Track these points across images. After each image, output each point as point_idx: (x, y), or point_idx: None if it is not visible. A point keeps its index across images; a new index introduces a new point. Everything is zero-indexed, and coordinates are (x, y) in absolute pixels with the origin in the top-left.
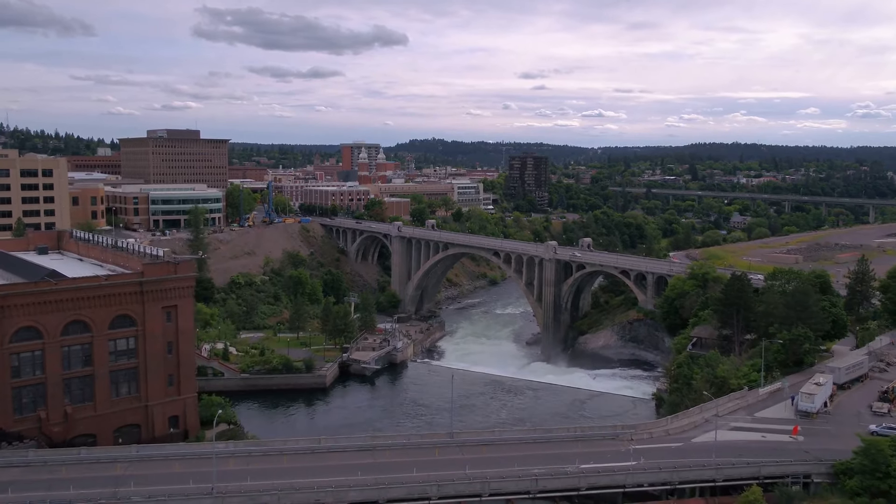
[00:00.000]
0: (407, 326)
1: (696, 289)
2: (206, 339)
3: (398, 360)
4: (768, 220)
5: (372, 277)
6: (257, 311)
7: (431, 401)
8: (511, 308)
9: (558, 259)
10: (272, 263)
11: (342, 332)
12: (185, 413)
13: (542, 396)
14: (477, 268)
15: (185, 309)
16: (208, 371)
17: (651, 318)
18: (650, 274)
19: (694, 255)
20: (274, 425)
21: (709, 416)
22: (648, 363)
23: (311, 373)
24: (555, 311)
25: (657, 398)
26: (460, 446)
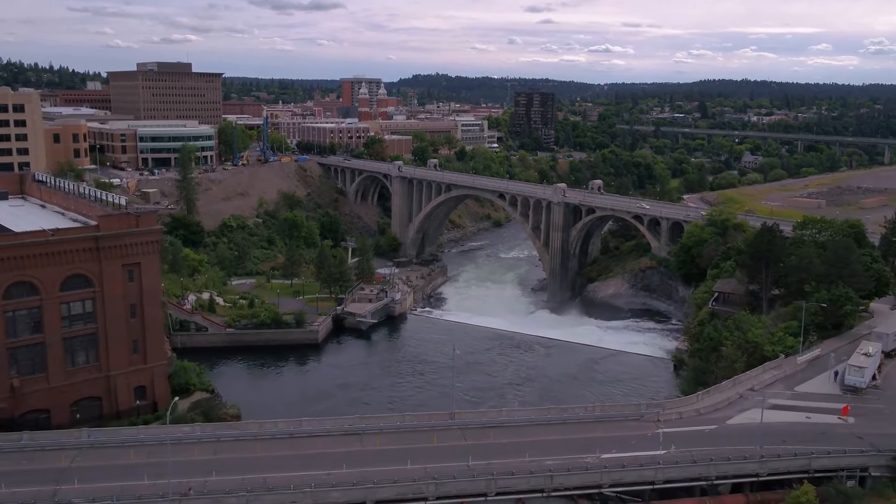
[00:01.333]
0: (407, 271)
1: (714, 237)
2: (192, 288)
3: (396, 312)
4: (780, 160)
5: (372, 219)
6: (250, 256)
7: (432, 357)
8: (516, 252)
9: (567, 202)
10: (266, 205)
11: (337, 280)
12: (153, 383)
13: (552, 354)
14: (481, 209)
15: (149, 267)
16: (191, 326)
17: (665, 266)
18: (665, 219)
19: (709, 199)
20: (259, 389)
21: (743, 391)
22: (661, 314)
23: (302, 328)
24: (562, 257)
25: (676, 360)
26: (462, 429)
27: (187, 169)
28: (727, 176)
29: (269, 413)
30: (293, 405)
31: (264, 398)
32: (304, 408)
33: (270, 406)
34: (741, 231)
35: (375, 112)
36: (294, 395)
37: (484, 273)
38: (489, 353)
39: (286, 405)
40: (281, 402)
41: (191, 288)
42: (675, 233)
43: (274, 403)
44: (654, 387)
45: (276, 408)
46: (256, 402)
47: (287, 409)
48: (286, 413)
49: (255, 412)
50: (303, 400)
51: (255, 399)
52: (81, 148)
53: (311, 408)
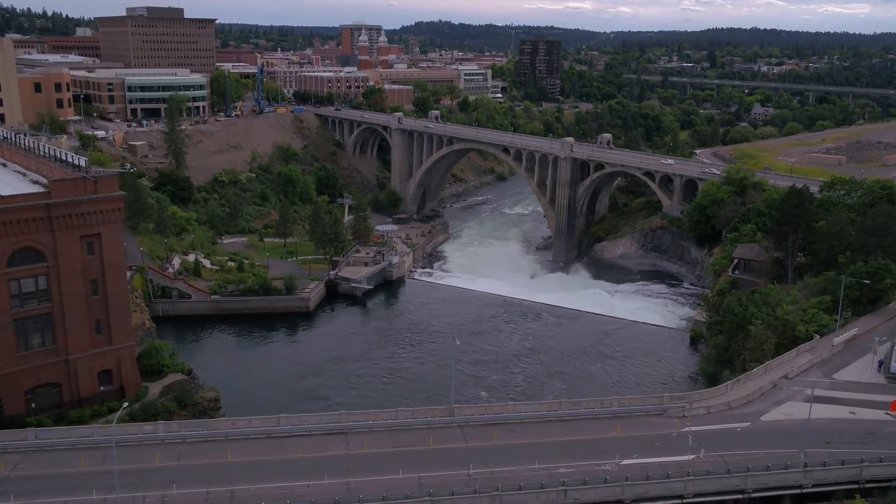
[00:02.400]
0: (407, 228)
1: (731, 196)
2: (178, 249)
3: (394, 276)
4: (792, 112)
5: (371, 173)
6: (242, 213)
7: (432, 325)
8: (520, 207)
9: (575, 158)
10: (260, 158)
11: (332, 241)
12: (119, 366)
13: (561, 323)
14: (484, 162)
15: (111, 238)
16: (173, 293)
17: (677, 226)
18: (678, 177)
19: (723, 154)
20: (244, 364)
21: (777, 379)
22: (672, 276)
23: (292, 295)
24: (569, 214)
25: (695, 334)
26: (462, 427)
27: (175, 121)
28: (741, 130)
29: (252, 395)
30: (280, 383)
31: (248, 376)
32: (291, 386)
33: (254, 386)
34: (760, 190)
35: (375, 60)
36: (281, 371)
37: (487, 230)
38: (493, 322)
39: (272, 384)
40: (266, 379)
41: (177, 249)
42: (689, 191)
43: (258, 382)
44: (670, 363)
45: (260, 388)
46: (239, 380)
47: (272, 389)
48: (271, 394)
49: (236, 394)
50: (291, 376)
51: (238, 377)
52: (64, 98)
53: (300, 385)
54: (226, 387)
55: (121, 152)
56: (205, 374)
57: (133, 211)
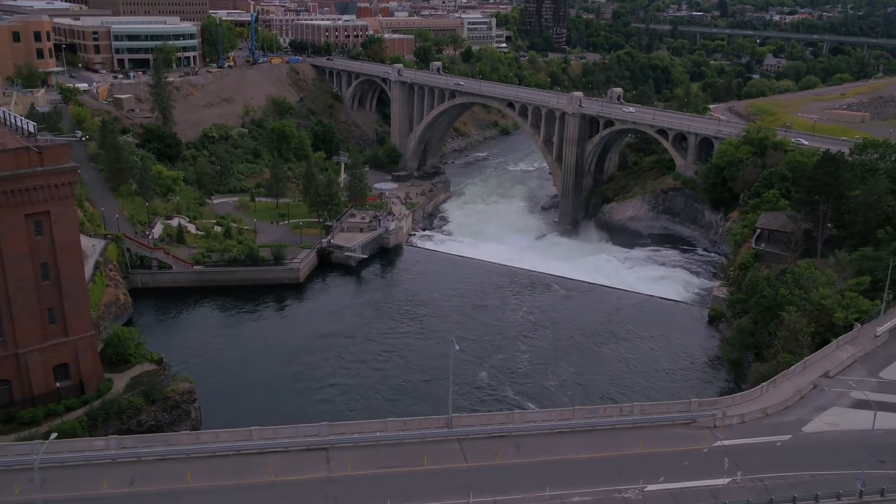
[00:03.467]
0: (407, 186)
1: (751, 157)
2: (162, 211)
3: (391, 244)
4: (805, 63)
5: (370, 127)
6: (233, 172)
7: (431, 298)
8: (524, 164)
9: (583, 114)
10: (253, 112)
11: (326, 204)
12: (77, 359)
13: (569, 296)
14: (487, 115)
15: (63, 216)
16: (152, 263)
17: (690, 187)
18: (692, 135)
19: (738, 109)
20: (225, 344)
21: (817, 379)
22: (685, 240)
23: (281, 265)
24: (576, 173)
25: (715, 313)
26: (461, 442)
27: (161, 73)
28: (757, 83)
29: (232, 382)
30: (265, 366)
31: (230, 358)
32: (278, 369)
33: (236, 370)
34: (782, 151)
35: (376, 7)
36: (268, 352)
37: (490, 188)
38: (497, 294)
39: (256, 367)
40: (250, 362)
41: (161, 212)
42: (704, 150)
43: (241, 365)
44: (687, 345)
45: (242, 373)
46: (220, 364)
47: (257, 373)
48: (255, 380)
49: (215, 382)
50: (278, 357)
51: (219, 359)
52: (45, 48)
53: (288, 368)
54: (204, 372)
55: (105, 106)
56: (182, 356)
57: (114, 172)
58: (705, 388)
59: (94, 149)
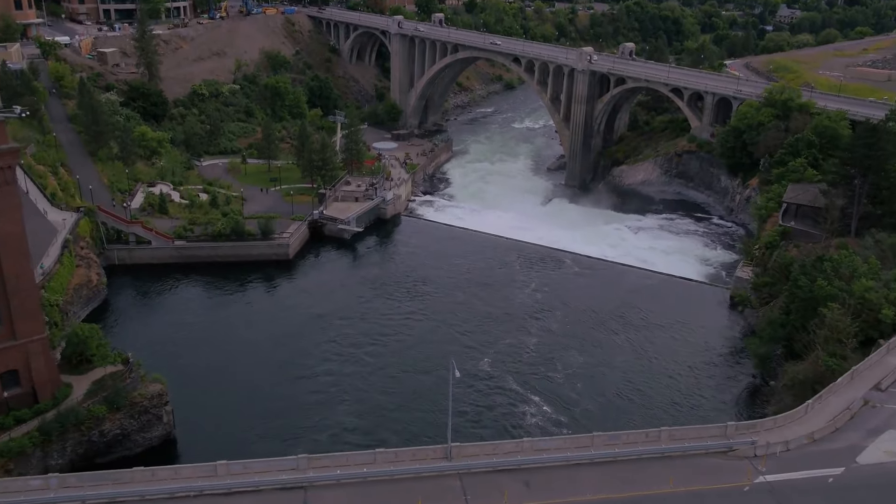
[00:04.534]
0: (407, 146)
1: (773, 120)
2: (144, 177)
3: (388, 215)
4: (821, 14)
5: (369, 83)
6: (223, 131)
7: (432, 275)
8: (529, 121)
9: (593, 71)
10: (246, 67)
11: (320, 169)
12: (28, 364)
13: (581, 274)
14: (492, 69)
15: (4, 205)
16: (129, 238)
17: (706, 151)
18: (710, 94)
19: (756, 66)
20: (204, 330)
21: (868, 392)
22: (699, 206)
23: (269, 240)
24: (585, 133)
25: (740, 298)
26: (462, 477)
27: (146, 25)
28: (775, 38)
29: (212, 378)
30: (249, 354)
31: (211, 345)
32: (263, 356)
33: (217, 361)
34: (807, 114)
35: None
36: (253, 337)
37: (494, 146)
38: (503, 271)
39: (239, 356)
40: (232, 351)
41: (143, 178)
42: (722, 111)
43: (223, 355)
44: (707, 333)
45: (224, 364)
46: (198, 354)
47: (239, 363)
48: (237, 372)
49: (192, 378)
50: (263, 343)
51: (198, 348)
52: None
53: (273, 356)
54: (181, 365)
55: (88, 61)
56: (158, 346)
57: (92, 135)
58: (729, 384)
59: (73, 108)
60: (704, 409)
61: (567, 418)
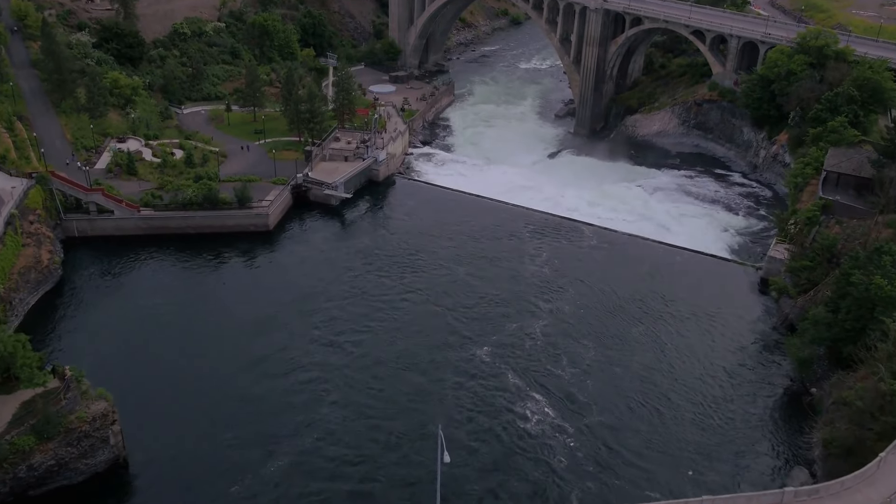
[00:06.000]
0: (406, 89)
1: (807, 69)
2: (113, 131)
3: (380, 177)
4: None
5: (366, 19)
6: (207, 75)
7: (428, 246)
8: (536, 60)
9: (607, 9)
10: (232, 3)
11: (307, 122)
12: None
13: (595, 248)
14: (497, 3)
15: None
16: (89, 208)
17: (729, 100)
18: (734, 38)
19: (782, 4)
20: (170, 317)
21: None
22: (719, 160)
23: (246, 209)
24: (596, 78)
25: (775, 286)
26: None
27: None
28: None
29: (170, 382)
30: (218, 350)
31: (174, 338)
32: (234, 353)
33: (179, 360)
34: (843, 62)
35: None
36: (222, 328)
37: (499, 89)
38: (507, 243)
39: (206, 351)
40: (199, 343)
41: (113, 131)
42: (747, 56)
43: (186, 350)
44: (737, 325)
45: (187, 363)
46: (154, 357)
47: (205, 361)
48: (202, 372)
49: (149, 383)
50: (234, 334)
51: (155, 347)
52: None
53: (246, 351)
54: (138, 365)
55: None
56: (112, 342)
57: (55, 84)
58: (764, 390)
59: (38, 51)
60: (737, 426)
61: (576, 429)
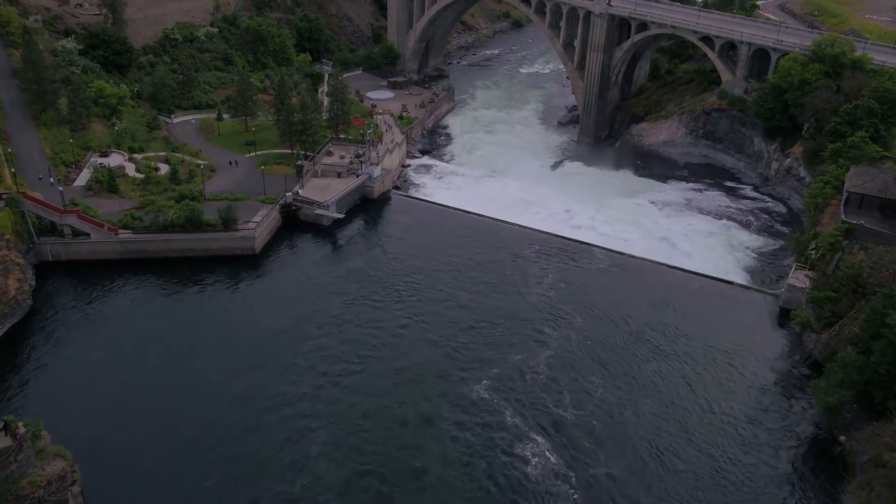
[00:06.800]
0: (405, 95)
1: (822, 78)
2: (95, 144)
3: (375, 194)
4: None
5: (364, 22)
6: (198, 83)
7: (426, 268)
8: (538, 64)
9: (612, 14)
10: (226, 7)
11: (300, 134)
12: None
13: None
14: (498, 5)
15: None
16: (64, 231)
17: (739, 108)
18: (745, 44)
19: (792, 8)
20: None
21: None
22: (728, 172)
23: (231, 231)
24: (601, 85)
25: (797, 321)
26: None
27: None
28: None
29: (141, 431)
30: (195, 391)
31: (145, 384)
32: (211, 395)
33: (147, 413)
34: (861, 72)
35: None
36: (202, 364)
37: (501, 94)
38: (511, 268)
39: (181, 393)
40: (175, 384)
41: (95, 144)
42: (757, 63)
43: (159, 395)
44: (757, 363)
45: (159, 411)
46: (126, 400)
47: (179, 405)
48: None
49: (113, 437)
50: (213, 374)
51: (128, 387)
52: None
53: (225, 391)
54: (107, 411)
55: (46, 1)
56: (78, 385)
57: (34, 95)
58: (786, 439)
59: (19, 60)
60: (759, 483)
61: (581, 480)
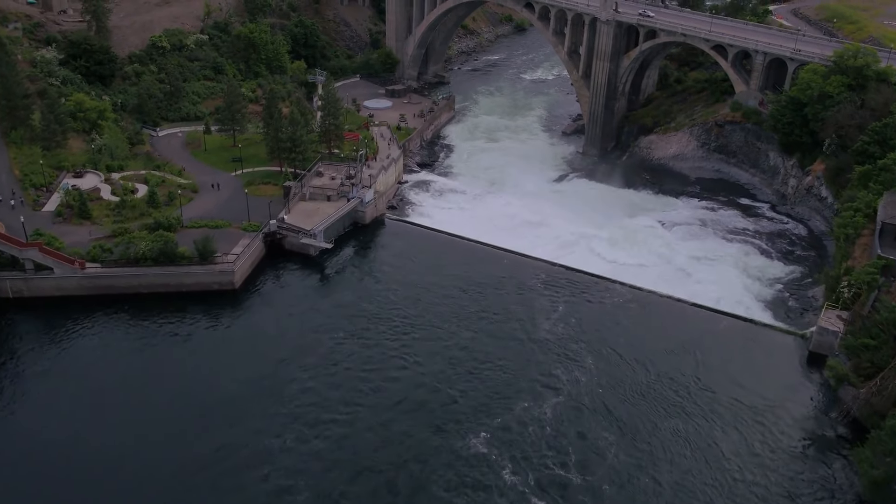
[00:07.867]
0: (403, 104)
1: (844, 92)
2: (70, 164)
3: (367, 218)
4: None
5: (362, 27)
6: (186, 93)
7: (422, 299)
8: (542, 71)
9: (619, 21)
10: (217, 13)
11: (289, 151)
12: None
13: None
14: (500, 9)
15: None
16: (25, 265)
17: (754, 121)
18: (760, 54)
19: (806, 13)
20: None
21: None
22: (742, 188)
23: (208, 264)
24: (607, 95)
25: (833, 374)
26: None
27: None
28: None
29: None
30: (163, 448)
31: (105, 443)
32: (182, 455)
33: (110, 478)
34: (888, 84)
35: None
36: (169, 417)
37: (504, 101)
38: (517, 299)
39: (148, 453)
40: (141, 442)
41: (69, 164)
42: (773, 73)
43: (119, 458)
44: (789, 424)
45: (122, 483)
46: (79, 466)
47: (143, 474)
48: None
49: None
50: (185, 426)
51: (82, 453)
52: None
53: (197, 448)
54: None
55: (28, 7)
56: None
57: (4, 111)
58: None
59: None
60: None
61: None
